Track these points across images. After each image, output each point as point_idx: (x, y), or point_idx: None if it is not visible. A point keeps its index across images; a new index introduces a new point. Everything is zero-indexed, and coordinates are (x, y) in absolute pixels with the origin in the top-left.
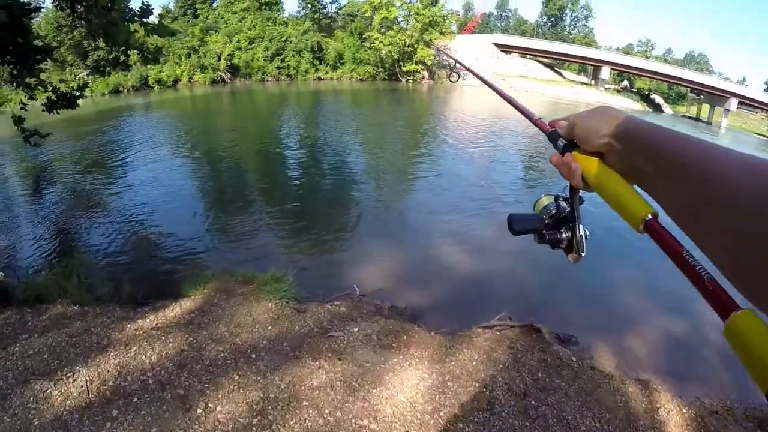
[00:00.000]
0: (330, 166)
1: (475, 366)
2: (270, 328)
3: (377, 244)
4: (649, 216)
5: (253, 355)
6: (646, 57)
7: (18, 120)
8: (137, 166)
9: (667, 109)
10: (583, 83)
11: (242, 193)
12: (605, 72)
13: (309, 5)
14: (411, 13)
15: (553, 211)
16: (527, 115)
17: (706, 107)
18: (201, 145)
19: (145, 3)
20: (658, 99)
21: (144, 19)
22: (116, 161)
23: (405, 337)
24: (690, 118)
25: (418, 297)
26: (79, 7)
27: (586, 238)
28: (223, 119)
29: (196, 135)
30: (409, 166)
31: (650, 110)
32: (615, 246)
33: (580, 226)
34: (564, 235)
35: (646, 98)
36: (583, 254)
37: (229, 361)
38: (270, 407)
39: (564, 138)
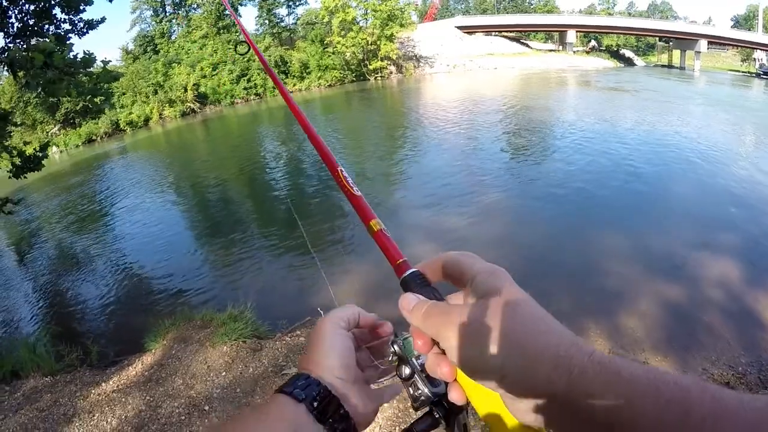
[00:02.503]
0: (305, 181)
1: None
2: (224, 374)
3: (353, 257)
4: None
5: (207, 407)
6: (610, 14)
7: None
8: (114, 215)
9: (639, 61)
10: (551, 51)
11: (220, 225)
12: (571, 35)
13: (266, 21)
14: (368, 11)
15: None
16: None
17: (677, 53)
18: (176, 183)
19: (87, 53)
20: (628, 53)
21: (87, 69)
22: (94, 212)
23: None
24: (663, 66)
25: (392, 309)
26: (20, 72)
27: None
28: (197, 150)
29: (171, 172)
30: (387, 167)
31: (622, 65)
32: (594, 211)
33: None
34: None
35: (616, 54)
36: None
37: (183, 417)
38: None
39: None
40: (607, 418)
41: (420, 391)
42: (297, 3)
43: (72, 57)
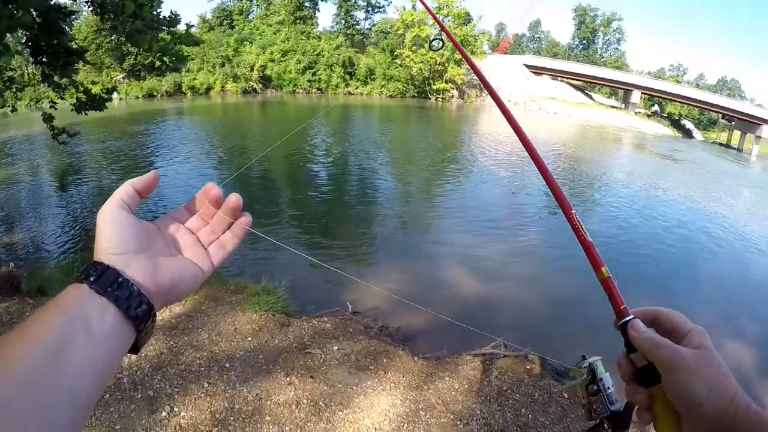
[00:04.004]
0: (352, 181)
1: (453, 396)
2: (249, 339)
3: (385, 262)
4: None
5: (227, 365)
6: (678, 82)
7: (47, 117)
8: (163, 169)
9: (698, 134)
10: (613, 107)
11: (259, 202)
12: (636, 96)
13: (343, 21)
14: (443, 32)
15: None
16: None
17: (737, 134)
18: (227, 152)
19: (174, 13)
20: (689, 124)
21: (171, 28)
22: (143, 163)
23: (385, 359)
24: (720, 144)
25: (414, 318)
26: (109, 15)
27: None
28: (253, 128)
29: (225, 142)
30: (431, 186)
31: (680, 135)
32: (633, 272)
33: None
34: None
35: (676, 123)
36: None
37: (202, 369)
38: (232, 418)
39: (642, 352)
40: None
41: (601, 406)
42: (376, 10)
43: (158, 13)
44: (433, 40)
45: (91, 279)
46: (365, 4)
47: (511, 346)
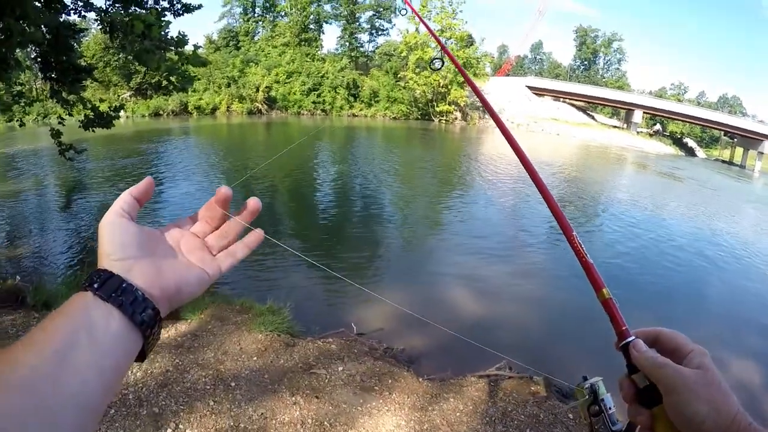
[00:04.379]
0: (356, 202)
1: (458, 417)
2: (255, 358)
3: (389, 283)
4: None
5: (233, 384)
6: (679, 100)
7: (55, 133)
8: (167, 187)
9: (700, 152)
10: (615, 127)
11: (265, 223)
12: (638, 115)
13: (347, 43)
14: (446, 55)
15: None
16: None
17: (739, 151)
18: (233, 171)
19: (181, 33)
20: (691, 143)
21: (179, 49)
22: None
23: (390, 380)
24: (723, 161)
25: (419, 340)
26: (118, 34)
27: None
28: (256, 149)
29: (230, 161)
30: (435, 208)
31: (683, 154)
32: (635, 292)
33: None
34: None
35: (679, 142)
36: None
37: (208, 387)
38: None
39: (644, 372)
40: None
41: (603, 427)
42: (379, 33)
43: (165, 33)
44: (434, 59)
45: (95, 286)
46: (369, 26)
47: (515, 367)
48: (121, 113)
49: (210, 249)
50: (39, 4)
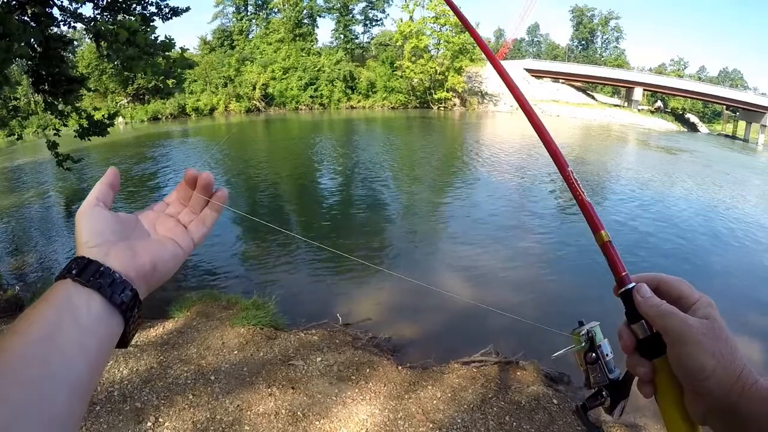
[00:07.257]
0: (356, 194)
1: (434, 405)
2: (236, 352)
3: (382, 272)
4: None
5: (213, 377)
6: (680, 76)
7: (52, 145)
8: (169, 188)
9: (703, 128)
10: (616, 105)
11: (265, 218)
12: (638, 93)
13: (342, 36)
14: (441, 41)
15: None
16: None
17: (742, 124)
18: (229, 172)
19: (168, 37)
20: (693, 118)
21: (166, 52)
22: (149, 184)
23: (368, 369)
24: (726, 136)
25: (407, 328)
26: (103, 42)
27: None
28: (255, 147)
29: (227, 162)
30: (435, 195)
31: (685, 129)
32: (641, 266)
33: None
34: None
35: (680, 118)
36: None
37: (189, 381)
38: (212, 428)
39: (646, 321)
40: (759, 428)
41: (599, 375)
42: (373, 23)
43: (153, 38)
44: None
45: (74, 272)
46: (363, 18)
47: (503, 352)
48: (120, 119)
49: (183, 224)
50: (27, 19)
